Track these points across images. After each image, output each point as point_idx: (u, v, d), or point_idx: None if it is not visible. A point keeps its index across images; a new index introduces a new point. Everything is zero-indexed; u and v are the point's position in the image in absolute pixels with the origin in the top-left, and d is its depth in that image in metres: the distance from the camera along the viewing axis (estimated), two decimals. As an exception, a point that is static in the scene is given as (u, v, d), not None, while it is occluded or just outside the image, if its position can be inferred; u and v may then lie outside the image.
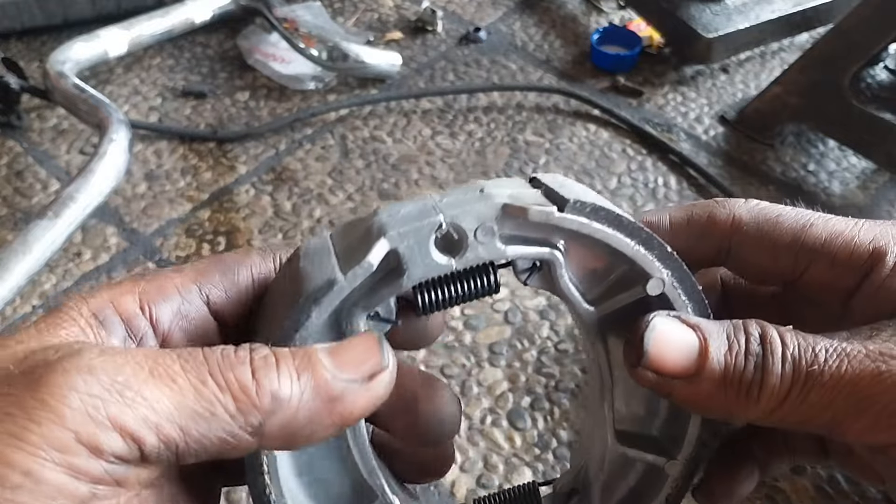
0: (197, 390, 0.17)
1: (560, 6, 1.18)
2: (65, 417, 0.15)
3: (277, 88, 1.02)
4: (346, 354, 0.19)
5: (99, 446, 0.16)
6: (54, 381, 0.16)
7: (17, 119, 0.95)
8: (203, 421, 0.17)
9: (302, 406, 0.18)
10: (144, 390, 0.16)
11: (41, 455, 0.15)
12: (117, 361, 0.17)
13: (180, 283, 0.21)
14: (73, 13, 1.06)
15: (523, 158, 0.93)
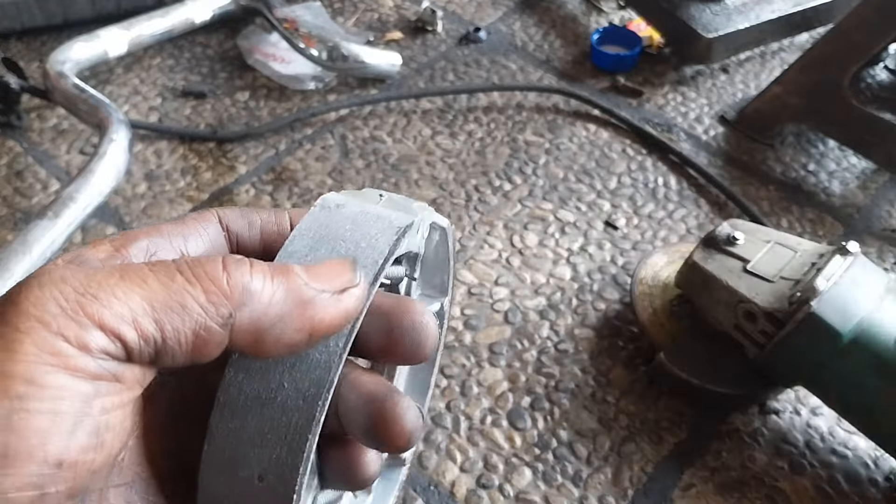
0: (166, 286, 0.17)
1: (560, 6, 1.18)
2: (49, 323, 0.16)
3: (277, 88, 1.02)
4: (320, 269, 0.20)
5: (86, 344, 0.16)
6: (32, 295, 0.16)
7: (17, 119, 0.95)
8: (175, 314, 0.17)
9: (273, 303, 0.18)
10: (117, 291, 0.17)
11: (37, 361, 0.16)
12: (87, 271, 0.17)
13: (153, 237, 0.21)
14: (73, 13, 1.06)
15: (523, 158, 0.93)
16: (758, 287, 0.58)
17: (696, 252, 0.63)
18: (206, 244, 0.22)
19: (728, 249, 0.62)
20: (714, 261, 0.61)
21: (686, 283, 0.65)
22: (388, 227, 0.22)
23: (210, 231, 0.22)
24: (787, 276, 0.58)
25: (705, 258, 0.62)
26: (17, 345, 0.16)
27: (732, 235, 0.62)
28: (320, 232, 0.22)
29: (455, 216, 0.85)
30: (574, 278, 0.79)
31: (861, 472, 0.63)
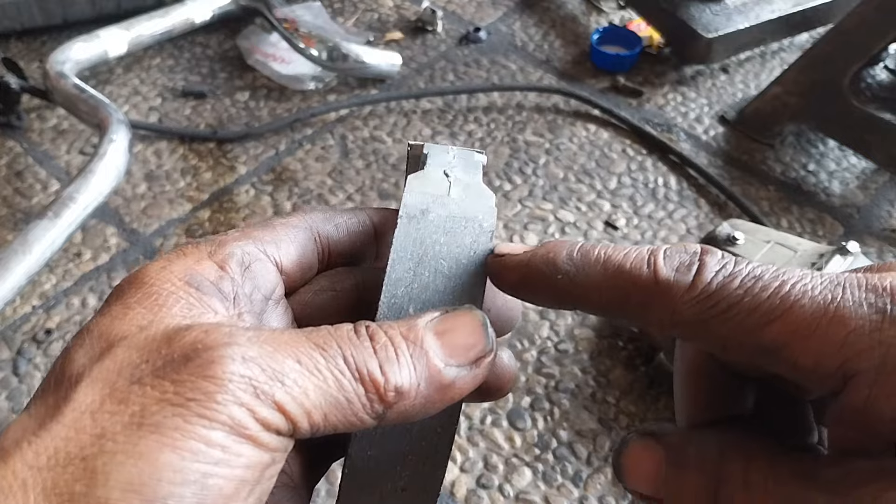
0: (338, 382, 0.19)
1: (560, 6, 1.18)
2: (241, 399, 0.17)
3: (277, 88, 1.02)
4: (456, 339, 0.20)
5: (268, 422, 0.18)
6: (221, 367, 0.17)
7: (18, 119, 0.95)
8: (340, 409, 0.19)
9: (419, 395, 0.19)
10: (297, 378, 0.18)
11: (231, 431, 0.17)
12: (266, 349, 0.18)
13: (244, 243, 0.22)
14: (73, 13, 1.06)
15: (523, 158, 0.93)
16: None
17: None
18: (298, 250, 0.23)
19: (728, 249, 0.62)
20: None
21: None
22: (479, 232, 0.23)
23: (300, 237, 0.23)
24: None
25: None
26: (214, 414, 0.17)
27: (732, 235, 0.62)
28: (417, 251, 0.22)
29: (455, 216, 0.85)
30: (574, 278, 0.78)
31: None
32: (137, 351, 0.18)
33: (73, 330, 0.73)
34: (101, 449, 0.16)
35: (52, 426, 0.17)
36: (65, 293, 0.77)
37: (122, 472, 0.16)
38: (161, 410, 0.17)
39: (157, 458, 0.16)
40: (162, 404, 0.17)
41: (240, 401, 0.17)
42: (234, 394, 0.17)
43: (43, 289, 0.77)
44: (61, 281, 0.78)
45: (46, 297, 0.76)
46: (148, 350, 0.18)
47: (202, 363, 0.17)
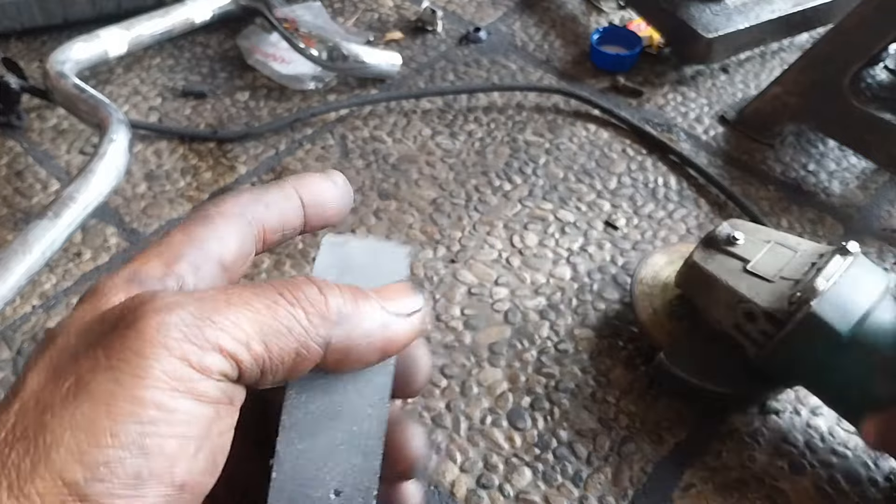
0: (271, 308, 0.19)
1: (560, 6, 1.18)
2: (172, 348, 0.17)
3: (277, 88, 1.02)
4: (389, 293, 0.22)
5: (208, 367, 0.17)
6: (150, 322, 0.17)
7: (18, 119, 0.95)
8: (282, 336, 0.18)
9: (361, 325, 0.20)
10: (229, 315, 0.18)
11: (166, 386, 0.17)
12: (195, 296, 0.18)
13: (193, 244, 0.22)
14: (73, 13, 1.06)
15: (523, 158, 0.93)
16: (758, 287, 0.58)
17: (696, 252, 0.63)
18: (238, 242, 0.23)
19: (728, 249, 0.62)
20: (714, 261, 0.61)
21: (686, 284, 0.65)
22: (398, 253, 0.24)
23: (239, 226, 0.23)
24: (787, 276, 0.58)
25: (705, 258, 0.62)
26: (146, 370, 0.17)
27: (732, 235, 0.62)
28: (342, 263, 0.23)
29: (455, 216, 0.85)
30: (574, 278, 0.79)
31: (861, 472, 0.63)
32: (75, 334, 0.18)
33: (73, 330, 0.73)
34: (42, 424, 0.16)
35: (2, 416, 0.17)
36: (65, 293, 0.77)
37: (62, 443, 0.16)
38: (94, 378, 0.17)
39: (94, 425, 0.16)
40: (94, 372, 0.17)
41: (172, 351, 0.17)
42: (166, 345, 0.17)
43: (43, 288, 0.77)
44: (61, 281, 0.78)
45: (46, 297, 0.76)
46: (84, 331, 0.18)
47: (129, 322, 0.17)
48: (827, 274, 0.54)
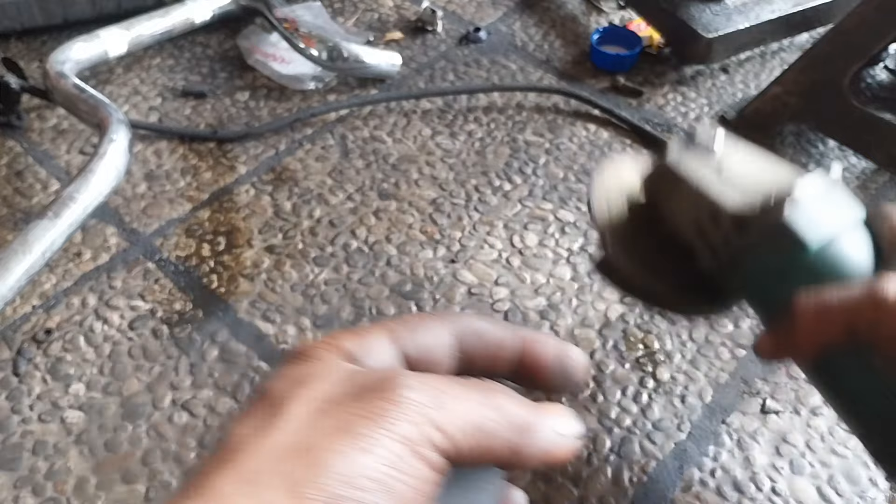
0: (488, 411, 0.23)
1: (560, 6, 1.19)
2: (415, 422, 0.21)
3: (277, 88, 1.02)
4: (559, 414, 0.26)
5: (434, 442, 0.21)
6: (397, 393, 0.22)
7: (18, 119, 0.95)
8: (487, 438, 0.23)
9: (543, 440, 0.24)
10: (456, 405, 0.22)
11: (407, 444, 0.21)
12: (431, 383, 0.22)
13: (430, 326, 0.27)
14: (73, 13, 1.06)
15: (523, 158, 0.93)
16: (730, 192, 0.52)
17: (670, 153, 0.55)
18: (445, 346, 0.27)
19: (704, 155, 0.54)
20: (688, 164, 0.54)
21: (653, 186, 0.57)
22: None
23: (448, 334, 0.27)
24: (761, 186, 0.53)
25: (679, 161, 0.54)
26: (392, 427, 0.21)
27: (711, 140, 0.54)
28: None
29: (455, 216, 0.85)
30: (574, 278, 0.79)
31: (861, 473, 0.63)
32: (329, 382, 0.23)
33: (73, 330, 0.73)
34: (317, 447, 0.20)
35: (272, 431, 0.21)
36: (65, 293, 0.77)
37: (334, 466, 0.20)
38: (356, 422, 0.21)
39: (356, 459, 0.20)
40: (355, 417, 0.21)
41: (414, 422, 0.21)
42: (410, 416, 0.21)
43: (43, 288, 0.77)
44: (61, 281, 0.78)
45: (46, 297, 0.76)
46: (338, 381, 0.23)
47: (382, 389, 0.22)
48: (804, 185, 0.49)
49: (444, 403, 0.22)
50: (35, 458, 0.64)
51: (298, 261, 0.80)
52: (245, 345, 0.72)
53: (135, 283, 0.78)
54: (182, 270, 0.79)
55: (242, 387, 0.69)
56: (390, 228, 0.84)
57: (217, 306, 0.75)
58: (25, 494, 0.61)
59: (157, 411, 0.67)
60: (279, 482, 0.19)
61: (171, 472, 0.63)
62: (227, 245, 0.82)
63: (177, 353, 0.71)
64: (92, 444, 0.64)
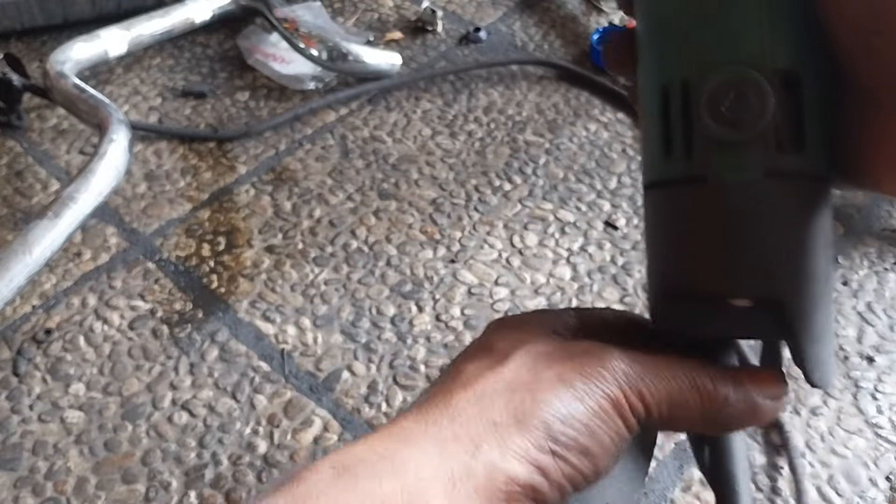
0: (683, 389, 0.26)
1: (560, 6, 1.19)
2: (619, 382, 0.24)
3: (277, 88, 1.02)
4: (761, 377, 0.28)
5: (634, 406, 0.25)
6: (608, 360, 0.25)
7: (18, 119, 0.95)
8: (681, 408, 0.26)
9: (738, 408, 0.27)
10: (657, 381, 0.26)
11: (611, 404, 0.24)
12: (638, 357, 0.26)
13: None
14: (74, 13, 1.06)
15: (523, 158, 0.93)
16: None
17: None
18: None
19: None
20: None
21: None
22: None
23: None
24: None
25: None
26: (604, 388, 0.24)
27: None
28: None
29: (455, 216, 0.85)
30: (574, 278, 0.79)
31: (861, 472, 0.63)
32: (544, 346, 0.26)
33: (73, 330, 0.73)
34: (539, 388, 0.24)
35: (501, 370, 0.25)
36: (65, 293, 0.77)
37: (553, 404, 0.23)
38: (573, 377, 0.24)
39: (571, 404, 0.23)
40: (573, 374, 0.24)
41: (619, 384, 0.24)
42: (617, 379, 0.24)
43: (43, 288, 0.77)
44: (61, 281, 0.78)
45: (46, 297, 0.76)
46: (551, 345, 0.26)
47: (595, 356, 0.25)
48: None
49: (646, 376, 0.25)
50: (35, 458, 0.64)
51: (298, 261, 0.80)
52: (245, 345, 0.72)
53: (135, 283, 0.78)
54: (182, 270, 0.79)
55: (242, 386, 0.69)
56: (390, 228, 0.84)
57: (217, 306, 0.75)
58: (25, 494, 0.61)
59: (157, 411, 0.67)
60: (505, 408, 0.23)
61: (170, 471, 0.63)
62: (227, 245, 0.82)
63: (177, 353, 0.71)
64: (92, 444, 0.65)
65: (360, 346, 0.72)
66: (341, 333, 0.73)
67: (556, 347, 0.26)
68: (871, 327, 0.74)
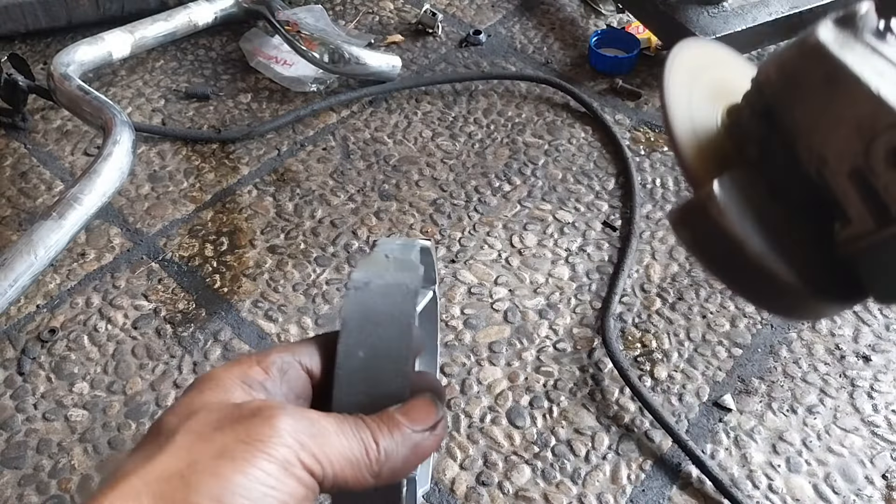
0: (352, 447, 0.26)
1: (559, 9, 1.19)
2: (289, 444, 0.25)
3: (280, 90, 1.03)
4: (414, 413, 0.29)
5: (309, 467, 0.25)
6: (277, 421, 0.25)
7: (23, 120, 0.96)
8: (351, 467, 0.26)
9: (399, 454, 0.28)
10: (326, 440, 0.26)
11: (281, 466, 0.24)
12: (311, 417, 0.26)
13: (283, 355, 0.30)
14: (78, 16, 1.07)
15: (522, 160, 0.93)
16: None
17: (823, 29, 0.30)
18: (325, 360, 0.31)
19: (875, 45, 0.30)
20: (854, 52, 0.30)
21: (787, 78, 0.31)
22: (407, 294, 0.31)
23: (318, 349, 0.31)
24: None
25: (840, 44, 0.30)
26: (271, 451, 0.24)
27: (887, 24, 0.31)
28: (362, 311, 0.30)
29: (455, 217, 0.86)
30: (573, 278, 0.79)
31: (857, 470, 0.64)
32: (216, 413, 0.26)
33: (77, 329, 0.74)
34: (194, 470, 0.23)
35: (158, 457, 0.24)
36: (69, 293, 0.77)
37: (208, 486, 0.23)
38: (235, 447, 0.24)
39: (232, 479, 0.23)
40: (236, 443, 0.24)
41: (288, 445, 0.24)
42: (285, 440, 0.24)
43: (47, 288, 0.78)
44: (66, 280, 0.78)
45: (51, 297, 0.77)
46: (223, 411, 0.26)
47: (264, 418, 0.25)
48: None
49: (315, 434, 0.25)
50: (39, 457, 0.64)
51: (300, 261, 0.81)
52: (248, 344, 0.73)
53: (138, 282, 0.78)
54: (185, 270, 0.80)
55: (245, 385, 0.69)
56: (391, 229, 0.85)
57: (220, 306, 0.76)
58: (30, 492, 0.62)
59: (161, 409, 0.68)
60: (151, 500, 0.23)
61: (174, 469, 0.63)
62: (230, 245, 0.83)
63: (180, 352, 0.72)
64: (96, 443, 0.65)
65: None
66: (343, 333, 0.74)
67: (227, 414, 0.26)
68: (867, 327, 0.74)
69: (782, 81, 0.31)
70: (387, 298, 0.30)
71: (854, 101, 0.28)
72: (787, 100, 0.31)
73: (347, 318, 0.30)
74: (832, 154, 0.29)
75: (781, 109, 0.31)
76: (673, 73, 0.36)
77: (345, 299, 0.31)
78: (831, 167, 0.29)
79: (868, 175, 0.28)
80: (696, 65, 0.38)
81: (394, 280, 0.31)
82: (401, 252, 0.33)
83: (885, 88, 0.28)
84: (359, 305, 0.30)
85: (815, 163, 0.30)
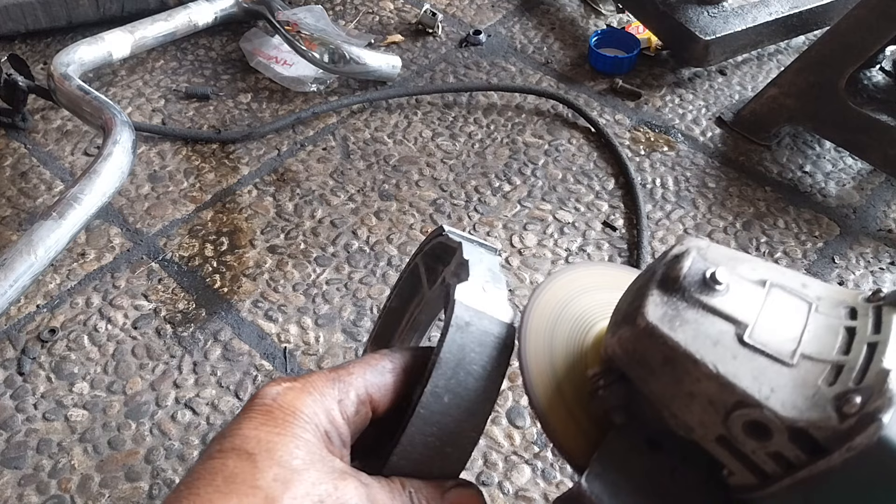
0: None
1: (559, 9, 1.19)
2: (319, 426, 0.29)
3: (279, 90, 1.03)
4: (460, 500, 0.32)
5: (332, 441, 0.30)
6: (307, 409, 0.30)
7: (23, 121, 0.96)
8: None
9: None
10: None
11: (310, 445, 0.29)
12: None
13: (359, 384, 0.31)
14: (78, 16, 1.07)
15: (522, 160, 0.93)
16: (770, 376, 0.29)
17: (650, 305, 0.31)
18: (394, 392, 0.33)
19: (704, 300, 0.31)
20: (685, 323, 0.30)
21: (630, 357, 0.32)
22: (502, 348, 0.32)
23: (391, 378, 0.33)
24: (812, 353, 0.30)
25: (670, 318, 0.30)
26: (304, 432, 0.28)
27: (711, 275, 0.31)
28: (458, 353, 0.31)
29: (455, 216, 0.86)
30: (573, 278, 0.79)
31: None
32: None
33: (77, 329, 0.74)
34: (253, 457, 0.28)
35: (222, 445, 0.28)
36: (69, 293, 0.77)
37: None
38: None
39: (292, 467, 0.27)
40: None
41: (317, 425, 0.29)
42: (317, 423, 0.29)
43: (47, 288, 0.78)
44: (66, 280, 0.78)
45: (51, 297, 0.77)
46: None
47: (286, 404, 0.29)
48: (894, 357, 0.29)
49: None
50: (39, 457, 0.64)
51: (300, 261, 0.81)
52: (248, 344, 0.73)
53: (138, 282, 0.78)
54: (185, 270, 0.80)
55: (245, 385, 0.70)
56: (391, 229, 0.85)
57: (220, 306, 0.76)
58: (30, 492, 0.62)
59: (161, 409, 0.68)
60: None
61: (174, 469, 0.64)
62: (230, 245, 0.83)
63: (180, 352, 0.72)
64: (96, 442, 0.65)
65: (361, 345, 0.73)
66: (343, 333, 0.74)
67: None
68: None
69: (627, 359, 0.31)
70: (483, 349, 0.30)
71: (698, 380, 0.29)
72: (638, 375, 0.31)
73: (444, 359, 0.29)
74: (695, 424, 0.30)
75: (637, 381, 0.31)
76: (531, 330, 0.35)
77: (445, 332, 0.30)
78: (698, 434, 0.30)
79: (734, 442, 0.29)
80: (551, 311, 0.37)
81: (492, 329, 0.31)
82: (494, 286, 0.33)
83: (723, 365, 0.29)
84: (456, 347, 0.30)
85: (682, 429, 0.30)
